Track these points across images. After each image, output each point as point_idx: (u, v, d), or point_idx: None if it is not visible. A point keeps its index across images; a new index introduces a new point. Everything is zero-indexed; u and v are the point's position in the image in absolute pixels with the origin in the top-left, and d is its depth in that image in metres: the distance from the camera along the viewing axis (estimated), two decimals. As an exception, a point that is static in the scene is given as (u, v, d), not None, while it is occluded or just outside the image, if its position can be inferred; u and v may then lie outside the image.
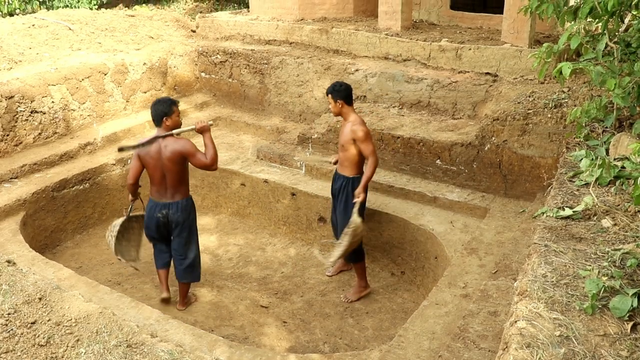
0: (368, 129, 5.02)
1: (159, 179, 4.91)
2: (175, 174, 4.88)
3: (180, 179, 4.94)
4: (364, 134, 4.90)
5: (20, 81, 6.70)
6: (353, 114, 5.05)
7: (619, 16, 4.17)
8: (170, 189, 4.94)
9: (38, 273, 4.06)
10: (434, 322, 3.97)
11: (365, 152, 4.95)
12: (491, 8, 9.35)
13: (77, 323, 3.26)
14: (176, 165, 4.84)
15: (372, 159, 4.93)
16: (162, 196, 4.97)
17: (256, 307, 5.29)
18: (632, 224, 2.85)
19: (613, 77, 3.70)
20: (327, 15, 9.37)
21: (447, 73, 7.01)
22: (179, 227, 5.02)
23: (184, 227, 5.04)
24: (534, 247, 2.76)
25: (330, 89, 5.06)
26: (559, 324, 2.16)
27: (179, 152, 4.78)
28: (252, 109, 8.73)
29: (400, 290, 5.56)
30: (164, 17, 10.57)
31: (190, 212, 5.10)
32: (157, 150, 4.82)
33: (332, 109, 5.09)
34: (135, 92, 8.14)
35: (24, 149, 6.65)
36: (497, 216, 5.34)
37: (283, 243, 6.44)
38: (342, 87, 5.03)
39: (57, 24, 8.87)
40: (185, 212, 5.01)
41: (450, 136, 6.08)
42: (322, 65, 7.80)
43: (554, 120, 5.38)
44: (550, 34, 7.48)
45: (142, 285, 5.58)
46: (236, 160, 7.14)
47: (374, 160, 4.93)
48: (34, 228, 5.95)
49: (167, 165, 4.83)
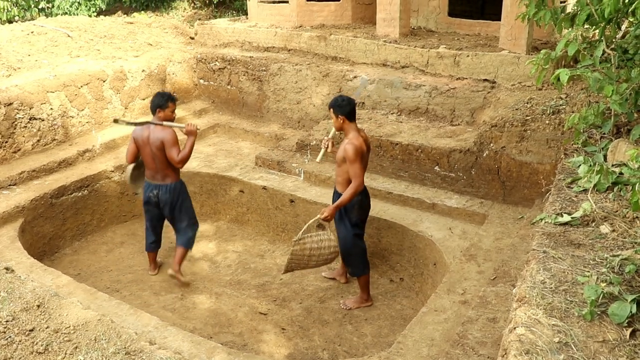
0: (361, 149, 4.77)
1: (150, 162, 5.39)
2: (162, 160, 5.32)
3: (167, 164, 5.35)
4: (353, 155, 4.70)
5: (19, 88, 6.71)
6: (352, 132, 4.84)
7: (616, 23, 4.18)
8: (160, 172, 5.41)
9: (36, 280, 4.06)
10: (433, 329, 3.96)
11: (350, 173, 4.78)
12: (489, 15, 9.41)
13: (76, 330, 3.25)
14: (161, 152, 5.27)
15: (354, 182, 4.75)
16: (154, 178, 5.46)
17: (255, 314, 5.28)
18: (631, 230, 2.85)
19: (610, 83, 3.71)
20: (326, 22, 9.40)
21: (445, 80, 7.03)
22: (168, 206, 5.50)
23: (175, 207, 5.53)
24: (533, 254, 2.76)
25: (332, 103, 4.85)
26: (558, 331, 2.16)
27: (160, 140, 5.21)
28: (251, 116, 8.74)
29: (399, 296, 5.55)
30: (163, 24, 10.60)
31: (180, 194, 5.54)
32: (147, 136, 5.28)
33: (334, 123, 4.91)
34: (134, 99, 8.16)
35: (23, 155, 6.65)
36: (495, 222, 5.35)
37: (282, 250, 6.43)
38: (345, 103, 4.80)
39: (56, 31, 8.90)
40: (174, 194, 5.48)
41: (448, 142, 6.10)
42: (320, 72, 7.82)
43: (552, 127, 5.39)
44: (547, 40, 7.51)
45: (141, 292, 5.57)
46: (235, 167, 7.15)
47: (356, 184, 4.75)
48: (33, 235, 5.94)
49: (154, 151, 5.27)
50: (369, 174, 6.47)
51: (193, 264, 6.16)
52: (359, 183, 4.77)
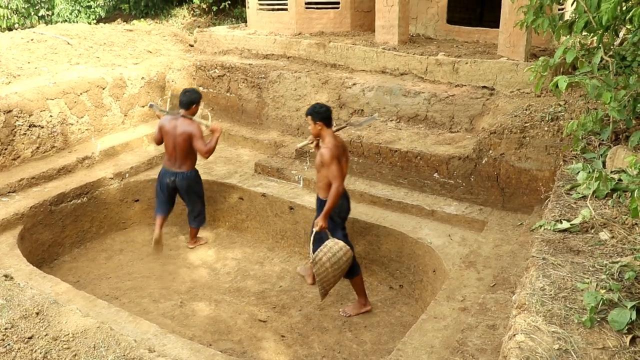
0: (336, 153, 4.93)
1: (170, 150, 6.00)
2: (183, 149, 5.94)
3: (186, 154, 5.99)
4: (329, 158, 4.86)
5: (18, 95, 6.72)
6: (329, 137, 5.02)
7: (614, 30, 4.21)
8: (178, 160, 6.02)
9: (35, 287, 4.05)
10: (433, 336, 3.96)
11: (329, 175, 4.92)
12: (487, 22, 9.44)
13: (75, 338, 3.25)
14: (185, 142, 5.88)
15: (335, 184, 4.89)
16: (172, 165, 6.07)
17: (254, 321, 5.27)
18: (630, 236, 2.85)
19: (609, 90, 3.73)
20: (325, 30, 9.43)
21: (444, 87, 7.05)
22: (184, 191, 6.16)
23: (190, 191, 6.20)
24: (532, 260, 2.76)
25: (310, 110, 5.06)
26: (557, 338, 2.16)
27: (188, 133, 5.86)
28: (250, 123, 8.75)
29: (398, 303, 5.54)
30: (162, 31, 10.63)
31: (194, 181, 6.18)
32: (174, 126, 5.91)
33: (312, 130, 5.10)
34: (134, 106, 8.17)
35: (22, 163, 6.65)
36: (495, 229, 5.35)
37: (281, 257, 6.43)
38: (323, 109, 5.03)
39: (55, 38, 8.92)
40: (188, 181, 6.11)
41: (447, 149, 6.10)
42: (319, 79, 7.84)
43: (550, 133, 5.40)
44: (546, 47, 7.54)
45: (140, 300, 5.56)
46: (234, 174, 7.15)
47: (337, 186, 4.88)
48: (32, 242, 5.93)
49: (178, 140, 5.89)
50: (368, 181, 6.49)
51: (192, 271, 6.16)
52: (339, 184, 4.91)
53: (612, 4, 3.40)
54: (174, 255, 6.47)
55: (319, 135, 5.09)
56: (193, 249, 6.59)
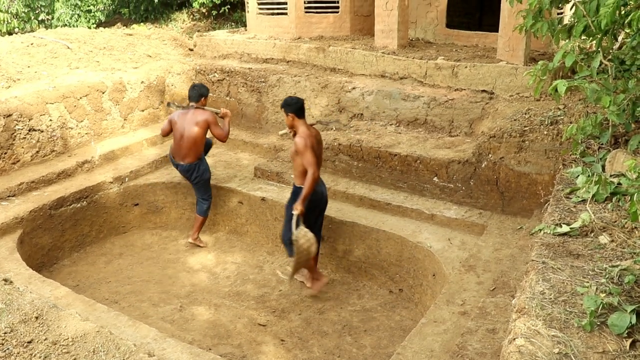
0: (310, 142, 5.21)
1: (177, 141, 6.34)
2: (191, 140, 6.26)
3: (191, 146, 6.28)
4: (302, 146, 5.15)
5: (18, 99, 6.72)
6: (302, 127, 5.34)
7: (613, 34, 4.21)
8: (183, 150, 6.31)
9: (35, 291, 4.04)
10: (433, 340, 3.95)
11: (304, 163, 5.19)
12: (486, 26, 9.45)
13: (74, 342, 3.24)
14: (200, 130, 6.26)
15: (310, 170, 5.14)
16: (176, 156, 6.39)
17: (254, 326, 5.26)
18: (629, 240, 2.85)
19: (608, 94, 3.74)
20: (324, 34, 9.45)
21: (443, 91, 7.06)
22: (191, 179, 6.49)
23: (195, 180, 6.47)
24: (532, 264, 2.76)
25: (282, 103, 5.41)
26: (557, 341, 2.16)
27: (204, 120, 6.26)
28: (250, 127, 8.76)
29: (398, 307, 5.54)
30: (162, 35, 10.64)
31: (197, 172, 6.41)
32: (184, 119, 6.31)
33: (286, 121, 5.43)
34: (133, 110, 8.17)
35: (22, 167, 6.64)
36: (494, 233, 5.35)
37: (280, 261, 6.42)
38: (293, 102, 5.36)
39: (55, 42, 8.93)
40: (195, 171, 6.40)
41: (447, 153, 6.11)
42: (319, 83, 7.85)
43: (550, 137, 5.41)
44: (545, 51, 7.55)
45: (140, 304, 5.56)
46: (234, 178, 7.15)
47: (312, 172, 5.13)
48: (31, 246, 5.93)
49: (188, 130, 6.25)
50: (368, 185, 6.49)
51: (192, 275, 6.15)
52: (314, 170, 5.16)
53: (611, 8, 3.41)
54: (174, 260, 6.46)
55: (293, 126, 5.39)
56: (191, 250, 6.61)
